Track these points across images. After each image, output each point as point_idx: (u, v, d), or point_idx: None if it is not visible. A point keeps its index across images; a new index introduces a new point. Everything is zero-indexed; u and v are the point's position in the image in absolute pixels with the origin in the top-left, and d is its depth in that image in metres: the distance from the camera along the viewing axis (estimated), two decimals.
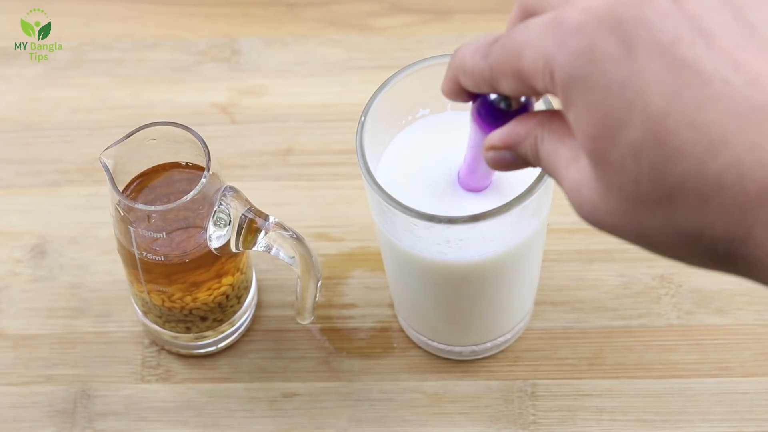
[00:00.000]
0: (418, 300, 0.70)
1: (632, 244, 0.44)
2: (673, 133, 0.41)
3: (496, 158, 0.49)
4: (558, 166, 0.46)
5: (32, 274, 0.77)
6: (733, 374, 0.72)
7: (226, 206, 0.66)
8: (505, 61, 0.45)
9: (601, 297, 0.75)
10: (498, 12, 0.86)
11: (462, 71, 0.48)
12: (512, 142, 0.48)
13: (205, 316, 0.72)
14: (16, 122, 0.83)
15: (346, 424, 0.72)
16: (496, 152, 0.48)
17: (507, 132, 0.48)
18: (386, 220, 0.63)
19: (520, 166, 0.48)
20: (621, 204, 0.43)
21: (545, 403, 0.72)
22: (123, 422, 0.72)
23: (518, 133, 0.48)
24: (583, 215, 0.45)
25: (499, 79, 0.46)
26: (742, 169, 0.40)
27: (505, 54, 0.45)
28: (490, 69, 0.46)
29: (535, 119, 0.47)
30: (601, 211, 0.44)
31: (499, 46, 0.46)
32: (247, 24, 0.87)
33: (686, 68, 0.41)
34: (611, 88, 0.41)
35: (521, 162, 0.48)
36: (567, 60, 0.42)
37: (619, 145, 0.42)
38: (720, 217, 0.41)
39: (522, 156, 0.48)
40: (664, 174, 0.41)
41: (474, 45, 0.48)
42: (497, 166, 0.49)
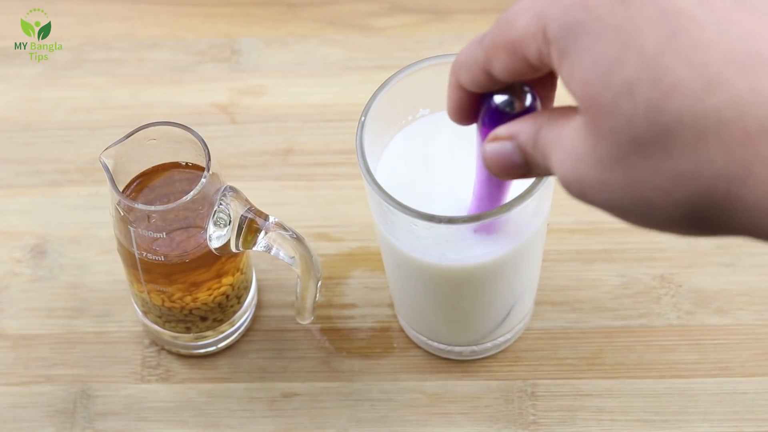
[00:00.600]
0: (418, 300, 0.70)
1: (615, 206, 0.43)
2: (670, 69, 0.40)
3: (496, 151, 0.48)
4: (549, 141, 0.45)
5: (32, 274, 0.77)
6: (733, 374, 0.72)
7: (226, 206, 0.66)
8: (497, 36, 0.45)
9: (601, 297, 0.75)
10: (498, 12, 0.86)
11: (459, 67, 0.49)
12: (515, 132, 0.47)
13: (205, 316, 0.72)
14: (16, 122, 0.83)
15: (346, 424, 0.72)
16: (498, 143, 0.48)
17: (512, 124, 0.48)
18: (386, 220, 0.63)
19: (516, 165, 0.48)
20: (612, 150, 0.42)
21: (545, 403, 0.72)
22: (123, 422, 0.72)
23: (522, 124, 0.47)
24: (565, 173, 0.44)
25: (492, 59, 0.46)
26: (741, 107, 0.39)
27: (498, 28, 0.46)
28: (484, 50, 0.46)
29: (538, 113, 0.47)
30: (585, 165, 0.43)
31: (492, 28, 0.46)
32: (247, 24, 0.87)
33: (681, 16, 0.41)
34: (605, 31, 0.41)
35: (519, 158, 0.47)
36: (560, 11, 0.42)
37: (613, 85, 0.41)
38: (718, 154, 0.40)
39: (521, 147, 0.47)
40: (660, 111, 0.40)
41: (469, 43, 0.48)
42: (494, 161, 0.48)
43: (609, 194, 0.43)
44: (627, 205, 0.43)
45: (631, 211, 0.43)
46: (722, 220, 0.41)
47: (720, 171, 0.40)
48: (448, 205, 0.62)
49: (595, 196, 0.44)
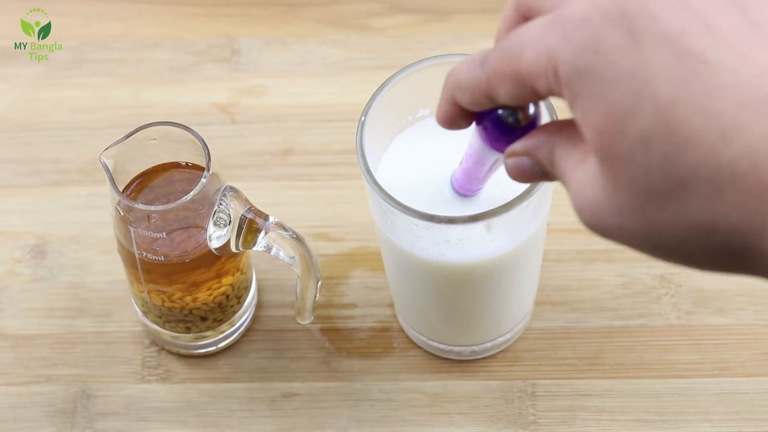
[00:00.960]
0: (418, 300, 0.70)
1: (636, 248, 0.43)
2: (684, 121, 0.40)
3: (516, 165, 0.48)
4: (566, 169, 0.45)
5: (32, 274, 0.77)
6: (733, 374, 0.72)
7: (226, 206, 0.66)
8: (502, 65, 0.44)
9: (601, 297, 0.75)
10: (498, 12, 0.86)
11: (457, 87, 0.47)
12: (532, 148, 0.47)
13: (205, 316, 0.72)
14: (16, 122, 0.83)
15: (346, 424, 0.72)
16: (516, 159, 0.48)
17: (528, 139, 0.47)
18: (386, 220, 0.63)
19: (537, 175, 0.48)
20: (630, 200, 0.42)
21: (545, 403, 0.72)
22: (123, 422, 0.72)
23: (538, 139, 0.47)
24: (585, 219, 0.44)
25: (496, 87, 0.45)
26: (756, 158, 0.39)
27: (503, 57, 0.44)
28: (487, 77, 0.45)
29: (554, 126, 0.47)
30: (605, 212, 0.43)
31: (496, 51, 0.45)
32: (247, 24, 0.87)
33: (694, 58, 0.40)
34: (618, 78, 0.41)
35: (539, 170, 0.47)
36: (572, 53, 0.42)
37: (628, 136, 0.41)
38: (734, 207, 0.40)
39: (539, 162, 0.47)
40: (675, 163, 0.40)
41: (466, 61, 0.47)
42: (516, 173, 0.48)
43: (630, 240, 0.43)
44: (648, 250, 0.43)
45: (654, 254, 0.43)
46: (743, 267, 0.42)
47: (736, 225, 0.40)
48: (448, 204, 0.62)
49: (616, 239, 0.44)
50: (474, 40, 0.85)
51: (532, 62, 0.43)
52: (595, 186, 0.43)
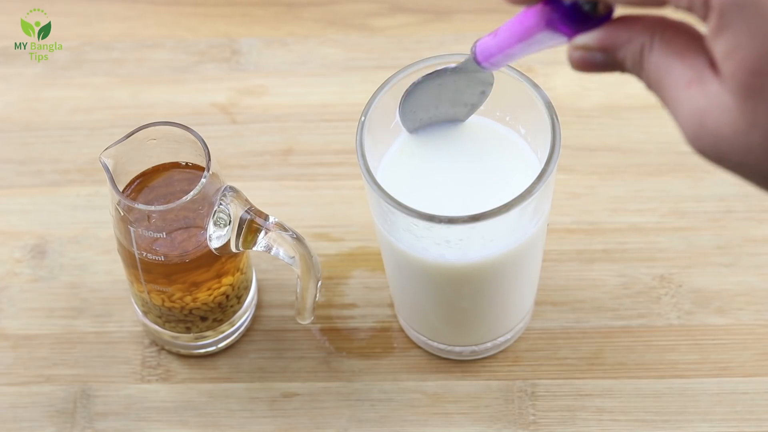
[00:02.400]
0: (418, 300, 0.70)
1: (749, 179, 0.42)
2: None
3: (585, 58, 0.45)
4: (670, 84, 0.42)
5: (32, 274, 0.77)
6: (733, 374, 0.72)
7: (226, 206, 0.66)
8: None
9: (601, 297, 0.75)
10: (498, 12, 0.86)
11: None
12: (611, 45, 0.44)
13: (205, 316, 0.72)
14: (16, 122, 0.83)
15: (346, 424, 0.72)
16: (586, 53, 0.45)
17: (606, 32, 0.44)
18: (386, 220, 0.63)
19: (608, 69, 0.45)
20: (765, 141, 0.40)
21: (545, 403, 0.72)
22: (123, 422, 0.72)
23: (620, 36, 0.44)
24: (699, 147, 0.42)
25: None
26: None
27: None
28: None
29: (642, 24, 0.44)
30: (729, 146, 0.41)
31: None
32: (247, 24, 0.87)
33: None
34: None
35: (612, 67, 0.45)
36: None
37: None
38: None
39: (618, 61, 0.44)
40: None
41: None
42: (581, 66, 0.45)
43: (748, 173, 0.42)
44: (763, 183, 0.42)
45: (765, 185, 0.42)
46: None
47: None
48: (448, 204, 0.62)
49: (730, 169, 0.42)
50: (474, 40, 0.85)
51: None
52: (722, 118, 0.41)
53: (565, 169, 0.79)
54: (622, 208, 0.78)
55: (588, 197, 0.78)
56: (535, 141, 0.65)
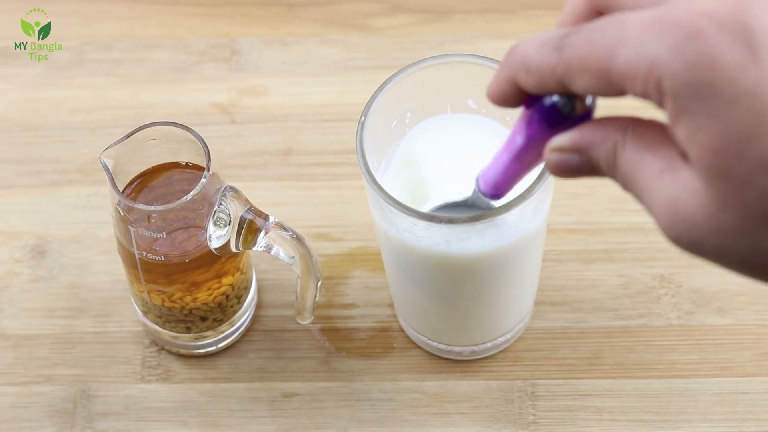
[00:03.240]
0: (418, 300, 0.70)
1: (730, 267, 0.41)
2: None
3: (561, 161, 0.45)
4: (643, 177, 0.42)
5: (32, 274, 0.77)
6: (733, 374, 0.72)
7: (226, 206, 0.66)
8: (589, 57, 0.41)
9: (601, 297, 0.75)
10: (498, 12, 0.86)
11: (524, 69, 0.44)
12: (584, 145, 0.44)
13: (205, 316, 0.72)
14: (16, 122, 0.83)
15: (346, 424, 0.72)
16: (562, 155, 0.44)
17: (579, 134, 0.44)
18: (386, 220, 0.63)
19: (585, 173, 0.45)
20: (738, 222, 0.40)
21: (545, 403, 0.72)
22: (123, 422, 0.72)
23: (593, 136, 0.44)
24: (674, 235, 0.42)
25: (575, 76, 0.42)
26: None
27: (591, 49, 0.41)
28: (566, 64, 0.42)
29: (614, 123, 0.43)
30: (704, 231, 0.41)
31: (580, 39, 0.42)
32: (247, 24, 0.87)
33: None
34: (737, 97, 0.38)
35: (588, 169, 0.44)
36: (684, 67, 0.39)
37: (746, 159, 0.39)
38: None
39: (593, 162, 0.44)
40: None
41: (537, 39, 0.43)
42: (559, 170, 0.45)
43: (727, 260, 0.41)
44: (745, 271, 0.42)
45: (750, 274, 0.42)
46: None
47: None
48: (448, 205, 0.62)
49: (709, 257, 0.42)
50: (474, 40, 0.85)
51: (627, 63, 0.40)
52: (694, 203, 0.41)
53: None
54: (622, 208, 0.78)
55: (588, 197, 0.78)
56: None
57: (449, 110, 0.66)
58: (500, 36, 0.85)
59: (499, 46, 0.85)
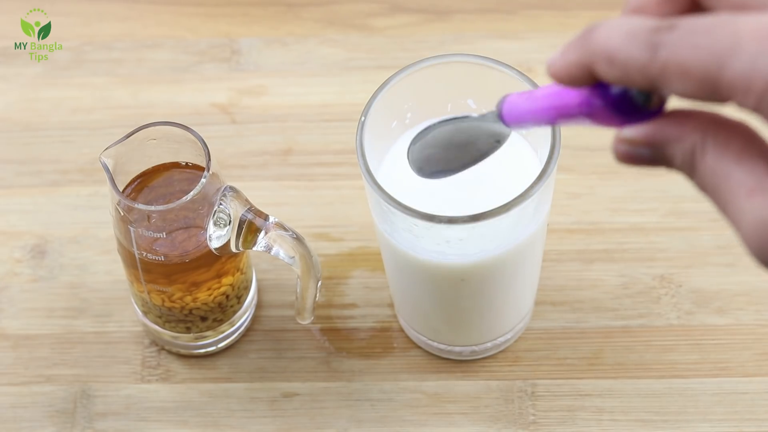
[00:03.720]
0: (418, 300, 0.70)
1: None
2: None
3: (630, 153, 0.42)
4: (728, 192, 0.40)
5: (32, 274, 0.77)
6: (733, 374, 0.72)
7: (226, 206, 0.66)
8: (693, 63, 0.38)
9: (601, 297, 0.75)
10: (498, 12, 0.86)
11: (606, 59, 0.40)
12: (660, 141, 0.41)
13: (205, 316, 0.72)
14: (16, 122, 0.83)
15: (346, 424, 0.72)
16: (632, 147, 0.42)
17: (655, 128, 0.41)
18: (386, 220, 0.63)
19: (655, 165, 0.42)
20: None
21: (545, 403, 0.72)
22: (123, 422, 0.72)
23: (669, 133, 0.41)
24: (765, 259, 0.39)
25: (672, 80, 0.39)
26: None
27: (696, 55, 0.38)
28: (663, 65, 0.39)
29: (694, 121, 0.41)
30: None
31: (681, 42, 0.39)
32: (247, 24, 0.87)
33: None
34: None
35: (659, 163, 0.42)
36: None
37: None
38: None
39: (667, 158, 0.41)
40: None
41: (625, 28, 0.40)
42: (627, 161, 0.42)
43: None
44: None
45: None
46: None
47: None
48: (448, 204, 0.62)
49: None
50: (474, 40, 0.85)
51: (740, 76, 0.38)
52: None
53: (565, 169, 0.79)
54: (622, 208, 0.78)
55: (588, 197, 0.78)
56: (535, 140, 0.65)
57: (449, 110, 0.66)
58: (500, 36, 0.85)
59: (499, 46, 0.85)
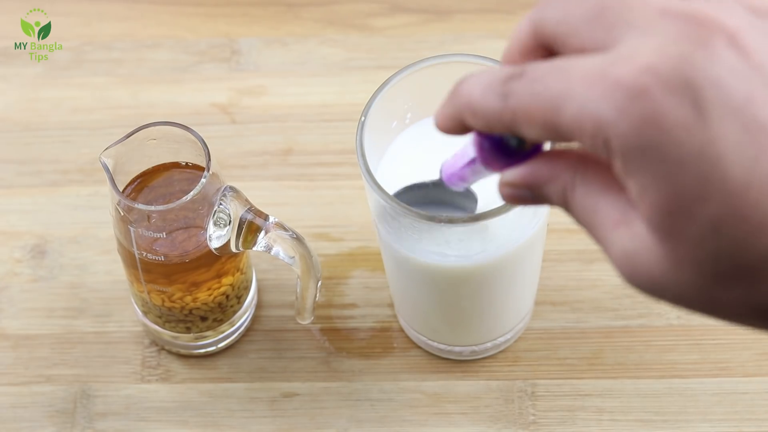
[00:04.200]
0: (418, 300, 0.70)
1: (692, 310, 0.41)
2: (756, 206, 0.37)
3: (514, 195, 0.44)
4: (599, 225, 0.42)
5: (32, 274, 0.77)
6: (733, 374, 0.72)
7: (226, 206, 0.66)
8: (535, 110, 0.40)
9: (601, 297, 0.75)
10: (498, 12, 0.86)
11: (470, 111, 0.42)
12: (534, 183, 0.43)
13: (205, 316, 0.72)
14: (16, 122, 0.83)
15: (346, 424, 0.72)
16: (513, 189, 0.44)
17: (528, 171, 0.43)
18: (386, 220, 0.63)
19: (537, 204, 0.44)
20: (694, 279, 0.39)
21: (545, 403, 0.72)
22: (123, 422, 0.72)
23: (542, 174, 0.43)
24: (635, 283, 0.41)
25: (522, 126, 0.41)
26: None
27: (536, 102, 0.40)
28: (513, 113, 0.41)
29: (563, 161, 0.43)
30: (662, 283, 0.40)
31: (524, 90, 0.41)
32: (247, 24, 0.87)
33: (763, 131, 0.37)
34: (685, 159, 0.37)
35: (541, 202, 0.44)
36: (630, 129, 0.38)
37: (696, 221, 0.38)
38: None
39: (545, 198, 0.43)
40: (746, 250, 0.38)
41: (483, 81, 0.42)
42: (512, 201, 0.44)
43: (687, 306, 0.41)
44: (705, 314, 0.42)
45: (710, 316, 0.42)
46: None
47: None
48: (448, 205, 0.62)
49: (671, 303, 0.42)
50: (474, 40, 0.85)
51: (573, 120, 0.39)
52: (650, 259, 0.40)
53: None
54: None
55: None
56: None
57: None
58: (500, 36, 0.85)
59: (499, 46, 0.84)
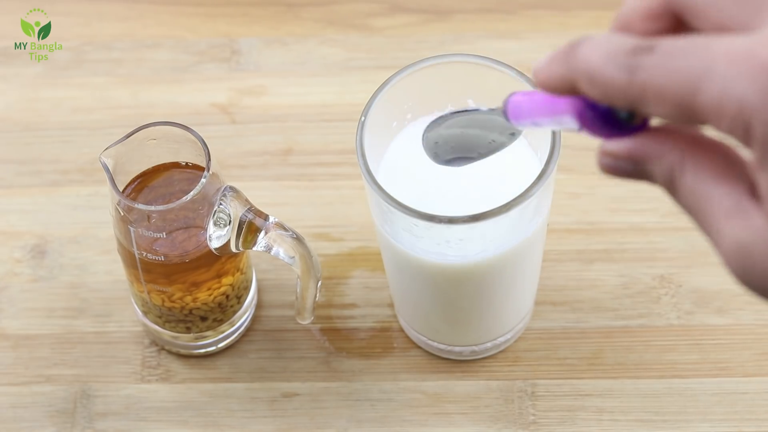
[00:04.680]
0: (419, 300, 0.70)
1: None
2: None
3: (612, 166, 0.42)
4: (709, 213, 0.40)
5: (32, 274, 0.77)
6: (733, 374, 0.72)
7: (226, 206, 0.66)
8: (668, 87, 0.38)
9: (601, 297, 0.75)
10: (498, 12, 0.86)
11: (588, 79, 0.40)
12: (640, 158, 0.41)
13: (205, 316, 0.72)
14: (16, 122, 0.83)
15: (346, 424, 0.72)
16: (614, 161, 0.42)
17: (636, 145, 0.42)
18: (386, 220, 0.63)
19: (637, 179, 0.42)
20: None
21: (545, 403, 0.72)
22: (123, 422, 0.72)
23: (650, 150, 0.41)
24: (745, 281, 0.39)
25: (650, 103, 0.39)
26: None
27: (671, 79, 0.38)
28: (640, 89, 0.39)
29: (673, 141, 0.41)
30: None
31: (657, 65, 0.39)
32: (247, 24, 0.87)
33: None
34: None
35: (641, 177, 0.42)
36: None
37: None
38: None
39: (647, 175, 0.42)
40: None
41: (604, 48, 0.40)
42: (609, 172, 0.43)
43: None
44: None
45: None
46: None
47: None
48: (448, 205, 0.62)
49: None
50: (474, 40, 0.85)
51: (713, 101, 0.37)
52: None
53: (565, 169, 0.79)
54: (622, 208, 0.78)
55: (588, 197, 0.78)
56: (535, 141, 0.65)
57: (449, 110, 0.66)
58: (500, 36, 0.85)
59: (499, 46, 0.85)
